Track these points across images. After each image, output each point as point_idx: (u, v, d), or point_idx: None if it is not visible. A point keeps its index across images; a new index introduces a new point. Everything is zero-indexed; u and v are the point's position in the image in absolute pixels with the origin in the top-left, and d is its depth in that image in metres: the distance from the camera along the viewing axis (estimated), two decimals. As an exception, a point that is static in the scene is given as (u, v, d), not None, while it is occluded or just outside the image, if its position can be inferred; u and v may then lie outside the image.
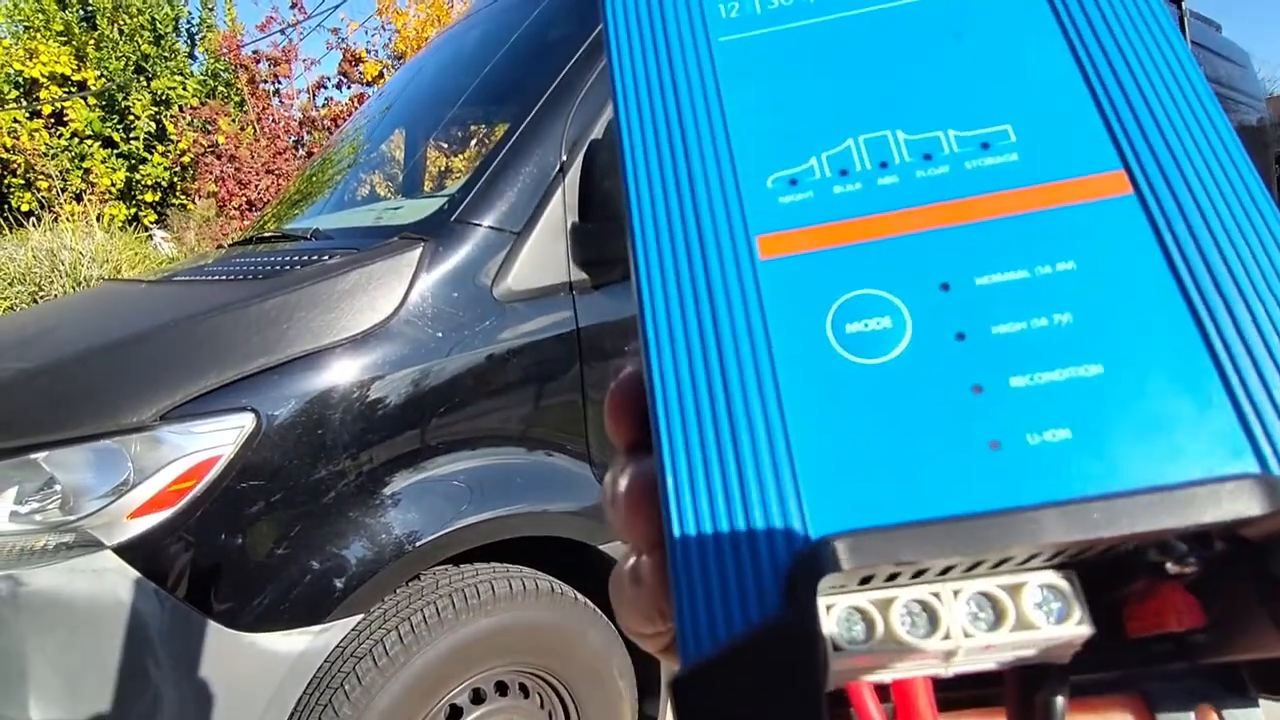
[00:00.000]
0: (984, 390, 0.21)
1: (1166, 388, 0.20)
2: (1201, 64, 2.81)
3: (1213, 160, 0.22)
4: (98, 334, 1.96)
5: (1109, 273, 0.21)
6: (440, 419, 1.87)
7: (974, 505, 0.19)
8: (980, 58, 0.25)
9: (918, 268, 0.22)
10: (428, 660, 1.79)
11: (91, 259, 7.88)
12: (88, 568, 1.55)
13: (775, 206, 0.24)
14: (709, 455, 0.21)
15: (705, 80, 0.26)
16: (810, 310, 0.22)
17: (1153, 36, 0.25)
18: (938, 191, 0.23)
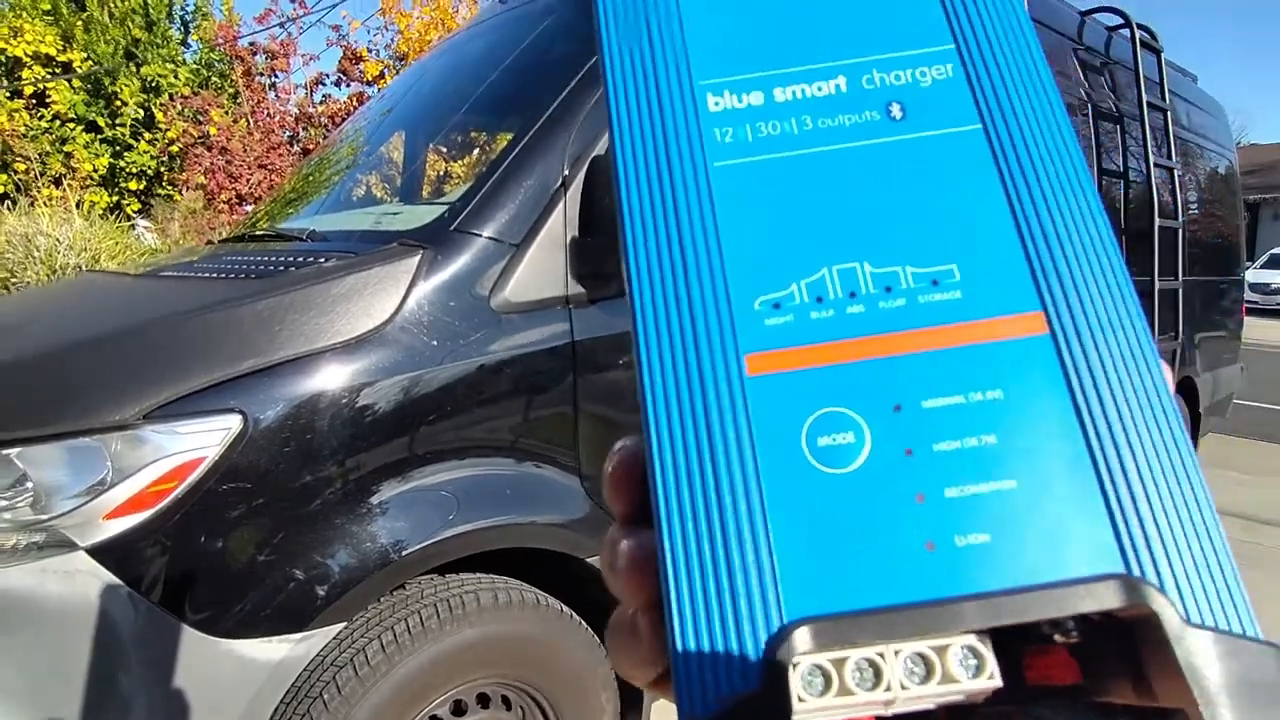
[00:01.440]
0: (925, 499, 0.25)
1: (1063, 504, 0.25)
2: (1177, 114, 2.89)
3: (1113, 310, 0.28)
4: (80, 328, 1.92)
5: (1027, 403, 0.26)
6: (431, 428, 1.85)
7: (911, 596, 0.24)
8: (935, 199, 0.29)
9: (876, 390, 0.27)
10: (409, 670, 1.77)
11: (69, 246, 7.73)
12: (59, 569, 1.51)
13: (761, 328, 0.28)
14: (703, 549, 0.25)
15: (703, 203, 0.29)
16: (789, 424, 0.26)
17: (1074, 192, 0.29)
18: (895, 322, 0.28)
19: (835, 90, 0.31)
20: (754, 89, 0.31)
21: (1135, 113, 4.42)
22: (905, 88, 0.31)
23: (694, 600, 0.25)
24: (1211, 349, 5.65)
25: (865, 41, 0.32)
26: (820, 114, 0.31)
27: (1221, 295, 5.81)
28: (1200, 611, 0.24)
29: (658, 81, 0.32)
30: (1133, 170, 4.44)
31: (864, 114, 0.31)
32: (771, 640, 0.24)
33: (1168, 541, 0.25)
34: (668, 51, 0.32)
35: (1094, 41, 4.44)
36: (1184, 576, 0.24)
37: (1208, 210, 5.63)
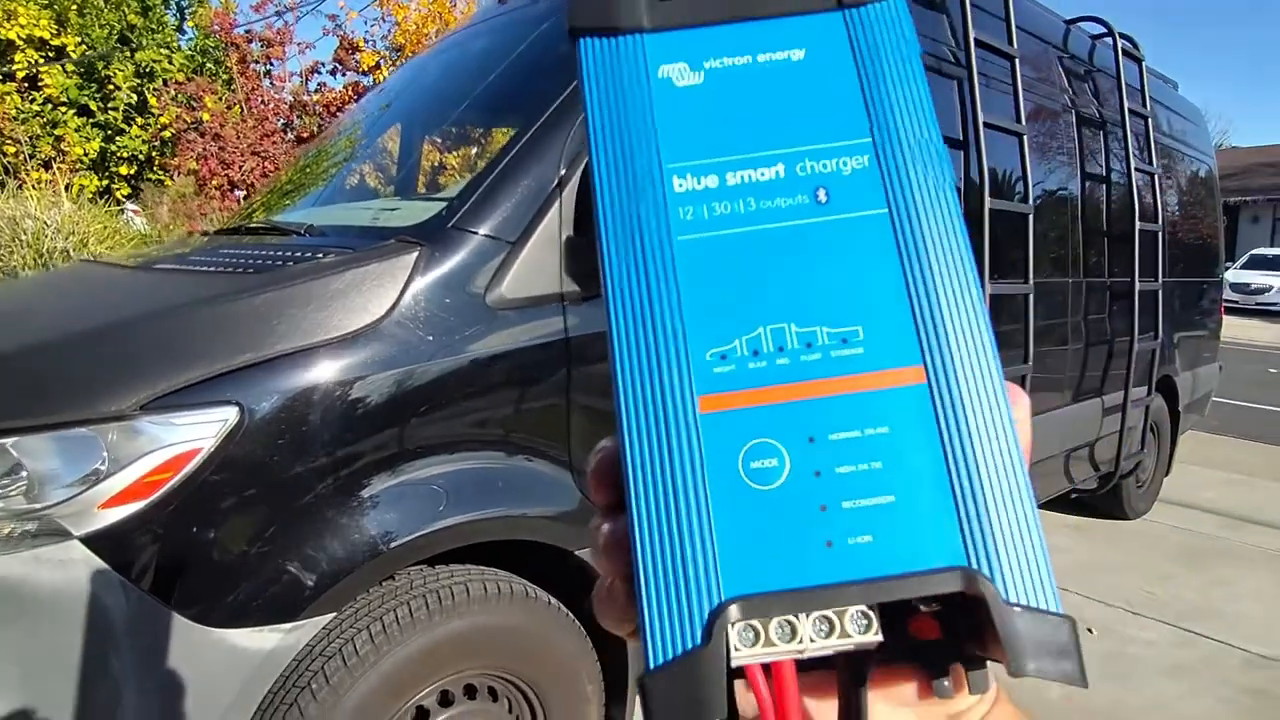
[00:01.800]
0: (827, 509, 0.33)
1: (926, 513, 0.33)
2: (1158, 120, 2.95)
3: (976, 364, 0.35)
4: (77, 319, 1.94)
5: (906, 438, 0.34)
6: (425, 421, 1.88)
7: (814, 580, 0.32)
8: (848, 271, 0.36)
9: (795, 426, 0.34)
10: (397, 661, 1.79)
11: (56, 230, 7.67)
12: (53, 557, 1.52)
13: (711, 375, 0.35)
14: (664, 544, 0.33)
15: (669, 271, 0.36)
16: (729, 450, 0.34)
17: (956, 267, 0.36)
18: (813, 371, 0.35)
19: (775, 176, 0.37)
20: (711, 173, 0.37)
21: (1117, 119, 4.47)
22: (830, 175, 0.37)
23: (656, 582, 0.32)
24: (1191, 348, 5.72)
25: (802, 133, 0.38)
26: (762, 196, 0.37)
27: (1201, 296, 5.88)
28: (1017, 593, 0.32)
29: (634, 164, 0.38)
30: (1115, 174, 4.49)
31: (796, 197, 0.37)
32: (713, 611, 0.32)
33: (999, 542, 0.32)
34: (643, 137, 0.38)
35: (1078, 49, 4.49)
36: (1008, 568, 0.32)
37: (1188, 213, 5.69)
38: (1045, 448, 4.02)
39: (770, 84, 0.39)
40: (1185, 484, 6.07)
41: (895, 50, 0.39)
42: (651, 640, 0.32)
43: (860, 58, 0.39)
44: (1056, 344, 4.05)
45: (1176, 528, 5.29)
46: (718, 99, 0.39)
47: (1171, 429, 5.62)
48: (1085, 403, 4.34)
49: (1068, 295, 4.12)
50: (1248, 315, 19.52)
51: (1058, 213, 4.09)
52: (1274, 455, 7.35)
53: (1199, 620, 3.93)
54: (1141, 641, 3.73)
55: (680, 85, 0.39)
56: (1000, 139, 3.43)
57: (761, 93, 0.39)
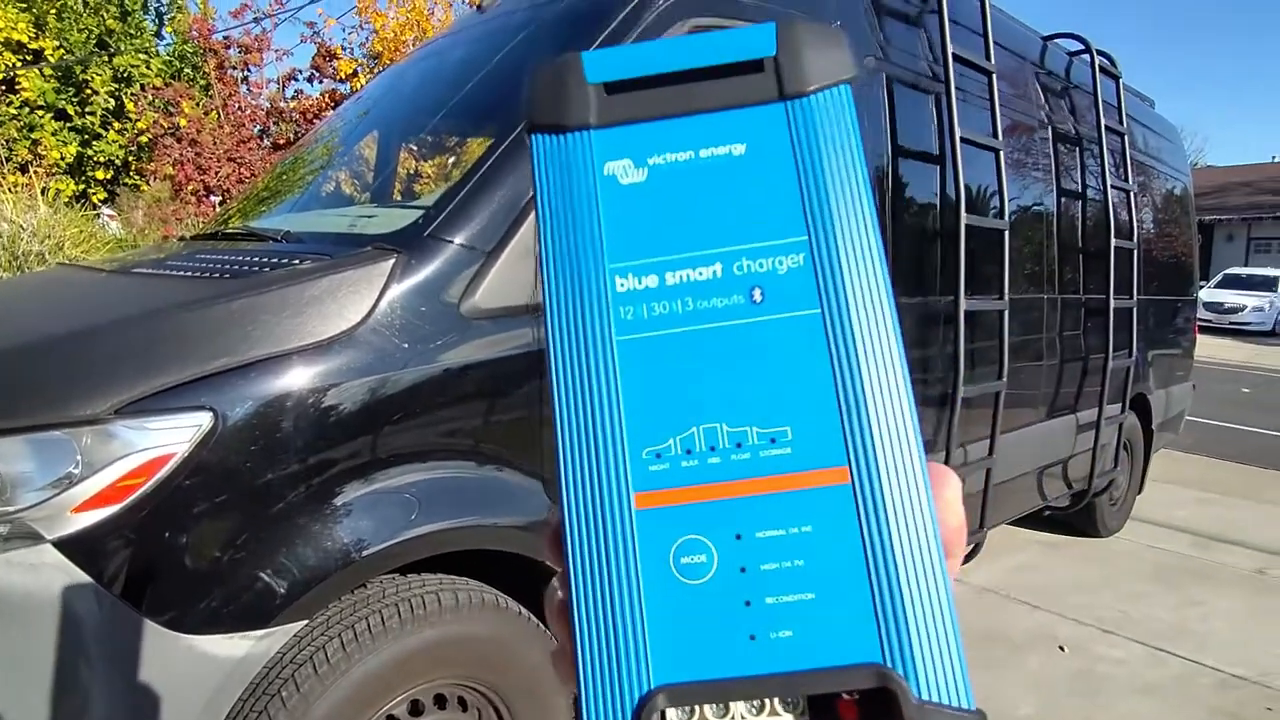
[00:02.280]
0: (751, 604, 0.34)
1: (845, 611, 0.34)
2: (1134, 138, 3.00)
3: (899, 466, 0.35)
4: (53, 322, 1.93)
5: (828, 537, 0.35)
6: (398, 429, 1.88)
7: (738, 671, 0.33)
8: (780, 371, 0.37)
9: (724, 523, 0.35)
10: (368, 669, 1.79)
11: (32, 234, 7.62)
12: (24, 561, 1.52)
13: (647, 472, 0.36)
14: (600, 631, 0.34)
15: (609, 371, 0.37)
16: (662, 545, 0.35)
17: (885, 370, 0.37)
18: (742, 470, 0.36)
19: (713, 275, 0.38)
20: (651, 272, 0.38)
21: (1094, 135, 4.52)
22: (766, 274, 0.38)
23: (592, 665, 0.34)
24: (1165, 366, 5.77)
25: (740, 231, 0.39)
26: (700, 296, 0.38)
27: (1175, 314, 5.94)
28: (930, 690, 0.33)
29: (580, 262, 0.39)
30: (1091, 191, 4.53)
31: (732, 297, 0.38)
32: (642, 697, 0.33)
33: (914, 640, 0.34)
34: (588, 236, 0.39)
35: (1055, 66, 4.54)
36: (922, 665, 0.33)
37: (1163, 231, 5.75)
38: (1019, 465, 4.04)
39: (711, 181, 0.39)
40: (1159, 502, 6.12)
41: (835, 143, 0.39)
42: (587, 717, 0.34)
43: (800, 152, 0.39)
44: (1031, 360, 4.08)
45: (1150, 546, 5.33)
46: (660, 197, 0.39)
47: (1145, 447, 5.66)
48: (1059, 420, 4.37)
49: (1043, 312, 4.15)
50: (1221, 334, 19.80)
51: (1033, 229, 4.13)
52: (1247, 474, 7.41)
53: (1171, 639, 3.95)
54: (1113, 660, 3.75)
55: (625, 183, 0.40)
56: (976, 154, 3.46)
57: (702, 190, 0.39)
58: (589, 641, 0.35)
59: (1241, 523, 5.86)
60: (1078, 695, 3.42)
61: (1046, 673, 3.60)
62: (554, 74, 0.41)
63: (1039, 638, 3.93)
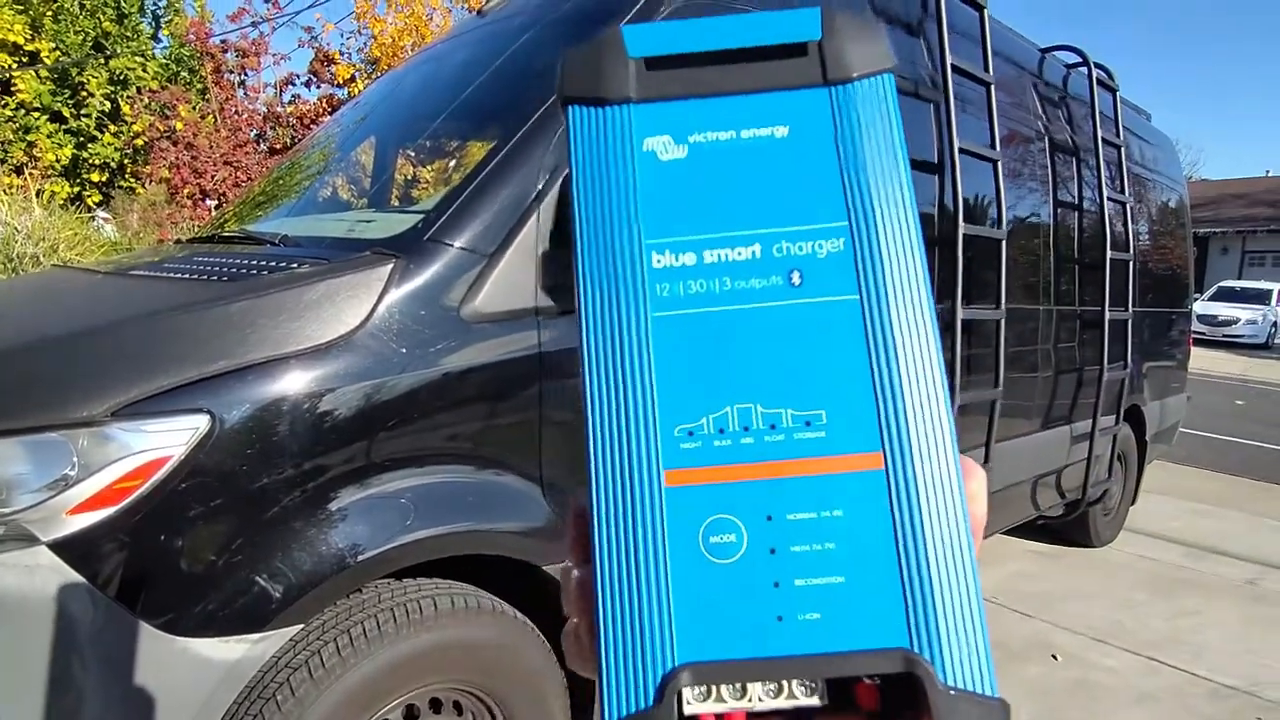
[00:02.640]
0: (780, 586, 0.34)
1: (874, 596, 0.34)
2: (1131, 150, 3.01)
3: (932, 453, 0.36)
4: (50, 324, 1.93)
5: (860, 522, 0.35)
6: (397, 433, 1.87)
7: (763, 652, 0.33)
8: (816, 355, 0.37)
9: (755, 504, 0.35)
10: (364, 674, 1.78)
11: (27, 236, 7.62)
12: (19, 563, 1.51)
13: (678, 450, 0.36)
14: (625, 609, 0.34)
15: (643, 347, 0.37)
16: (691, 524, 0.35)
17: (921, 358, 0.37)
18: (776, 452, 0.36)
19: (751, 256, 0.38)
20: (688, 250, 0.38)
21: (1091, 147, 4.54)
22: (805, 258, 0.38)
23: (616, 642, 0.34)
24: (1159, 378, 5.79)
25: (780, 214, 0.39)
26: (737, 276, 0.38)
27: (1170, 326, 5.96)
28: (956, 677, 0.33)
29: (616, 237, 0.38)
30: (1087, 202, 4.55)
31: (771, 279, 0.38)
32: (666, 675, 0.33)
33: (942, 627, 0.34)
34: (625, 210, 0.39)
35: (1053, 78, 4.56)
36: (949, 652, 0.33)
37: (1158, 243, 5.77)
38: (1013, 474, 4.04)
39: (752, 161, 0.39)
40: (1152, 513, 6.14)
41: (877, 131, 0.40)
42: (608, 696, 0.33)
43: (842, 137, 0.39)
44: (1027, 370, 4.09)
45: (1143, 557, 5.34)
46: (700, 175, 0.39)
47: (1138, 458, 5.67)
48: (1054, 430, 4.38)
49: (1039, 322, 4.16)
50: (1215, 347, 19.87)
51: (1030, 239, 4.14)
52: (1240, 486, 7.45)
53: (1165, 649, 3.96)
54: (1107, 669, 3.76)
55: (664, 159, 0.39)
56: (975, 164, 3.47)
57: (743, 170, 0.39)
58: (613, 617, 0.34)
59: (1234, 534, 5.89)
60: (1073, 704, 3.43)
61: (1042, 681, 3.61)
62: (594, 47, 0.41)
63: (1034, 646, 3.94)
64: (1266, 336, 21.29)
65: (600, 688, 0.34)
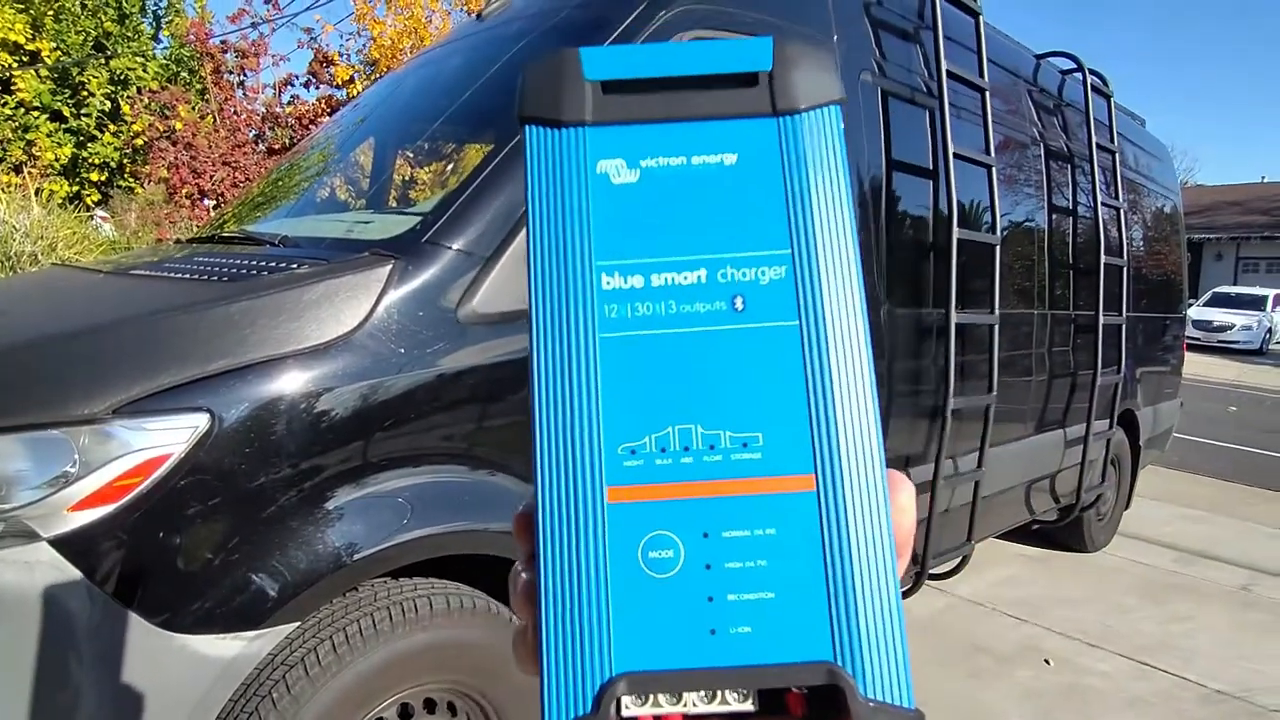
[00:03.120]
0: (714, 600, 0.36)
1: (801, 612, 0.36)
2: (1125, 156, 3.00)
3: (861, 476, 0.37)
4: (52, 322, 1.94)
5: (791, 540, 0.36)
6: (393, 434, 1.89)
7: (697, 663, 0.35)
8: (756, 378, 0.38)
9: (692, 521, 0.37)
10: (359, 672, 1.79)
11: (25, 234, 7.64)
12: (19, 559, 1.52)
13: (621, 468, 0.37)
14: (566, 617, 0.35)
15: (590, 366, 0.38)
16: (631, 539, 0.36)
17: (855, 383, 0.38)
18: (714, 472, 0.37)
19: (697, 280, 0.39)
20: (637, 272, 0.39)
21: (1085, 153, 4.56)
22: (749, 284, 0.39)
23: (557, 649, 0.35)
24: (1153, 383, 5.81)
25: (726, 239, 0.40)
26: (683, 300, 0.39)
27: (1164, 331, 5.98)
28: (876, 689, 0.35)
29: (567, 257, 0.39)
30: (1081, 208, 4.57)
31: (715, 303, 0.39)
32: (604, 684, 0.35)
33: (864, 642, 0.35)
34: (577, 231, 0.40)
35: (1048, 84, 4.58)
36: (869, 665, 0.35)
37: (1152, 249, 5.79)
38: (1007, 478, 4.06)
39: (701, 187, 0.40)
40: (1146, 519, 6.16)
41: (822, 162, 0.41)
42: (548, 701, 0.35)
43: (788, 166, 0.40)
44: (1021, 375, 4.10)
45: (1136, 562, 5.36)
46: (650, 199, 0.40)
47: (1132, 463, 5.68)
48: (1047, 434, 4.40)
49: (1033, 327, 4.18)
50: (1210, 352, 19.88)
51: (1024, 245, 4.16)
52: (1233, 492, 7.47)
53: (1156, 654, 3.98)
54: (1099, 673, 3.77)
55: (616, 182, 0.40)
56: (969, 170, 3.49)
57: (692, 195, 0.40)
58: (554, 626, 0.35)
59: (1226, 539, 5.90)
60: (1065, 708, 3.45)
61: (1034, 685, 3.62)
62: (552, 67, 0.42)
63: (1026, 650, 3.96)
64: (1260, 342, 21.34)
65: (541, 693, 0.35)
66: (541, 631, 0.35)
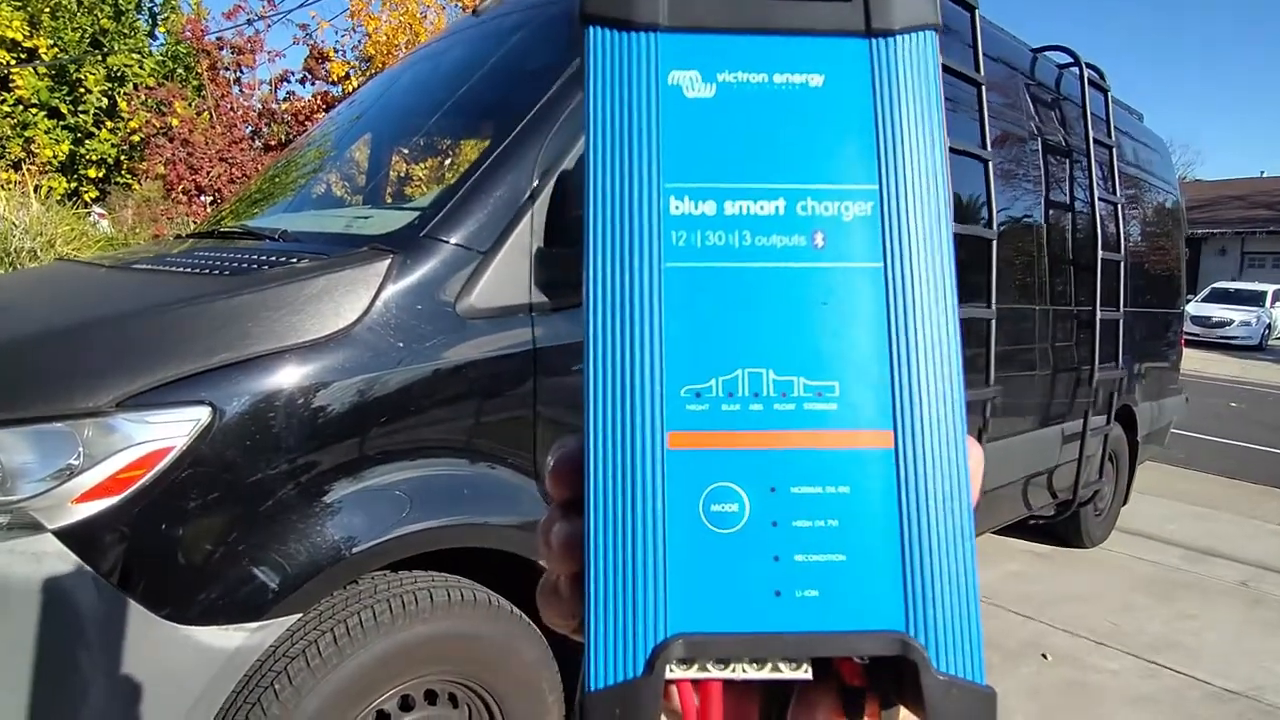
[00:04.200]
0: (779, 560, 0.34)
1: (873, 577, 0.34)
2: (1123, 150, 2.98)
3: (943, 434, 0.35)
4: (56, 316, 1.95)
5: (865, 500, 0.34)
6: (392, 427, 1.90)
7: (758, 627, 0.33)
8: (834, 322, 0.35)
9: (759, 474, 0.34)
10: (360, 663, 1.81)
11: (24, 230, 7.67)
12: (27, 550, 1.54)
13: (684, 411, 0.34)
14: (618, 573, 0.33)
15: (654, 297, 0.35)
16: (692, 490, 0.34)
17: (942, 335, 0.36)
18: (784, 421, 0.35)
19: (775, 212, 0.36)
20: (709, 198, 0.36)
21: (1083, 147, 4.55)
22: (830, 219, 0.36)
23: (606, 607, 0.33)
24: (1151, 379, 5.80)
25: (809, 169, 0.36)
26: (758, 231, 0.36)
27: (1163, 327, 5.97)
28: (948, 663, 0.33)
29: (631, 176, 0.36)
30: (1079, 202, 4.57)
31: (793, 238, 0.36)
32: (657, 645, 0.33)
33: (938, 612, 0.34)
34: (644, 148, 0.36)
35: (1045, 78, 4.58)
36: (943, 638, 0.34)
37: (1151, 244, 5.78)
38: (1005, 473, 4.07)
39: (783, 109, 0.37)
40: (1149, 516, 6.14)
41: (917, 91, 0.37)
42: (595, 663, 0.33)
43: (880, 94, 0.37)
44: (1018, 370, 4.10)
45: (1141, 559, 5.34)
46: (727, 117, 0.37)
47: (1130, 459, 5.68)
48: (1045, 430, 4.39)
49: (1030, 322, 4.18)
50: (1209, 348, 19.82)
51: (1021, 239, 4.16)
52: (1236, 489, 7.44)
53: (1162, 651, 3.97)
54: (1105, 671, 3.76)
55: (689, 96, 0.37)
56: (966, 164, 3.49)
57: (773, 118, 0.37)
58: (603, 581, 0.33)
59: (1231, 536, 5.89)
60: (1071, 705, 3.45)
61: (1040, 682, 3.63)
62: None
63: (1031, 646, 3.96)
64: (1260, 338, 21.34)
65: (586, 653, 0.33)
66: (589, 586, 0.33)
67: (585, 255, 0.35)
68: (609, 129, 0.36)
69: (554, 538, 0.38)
